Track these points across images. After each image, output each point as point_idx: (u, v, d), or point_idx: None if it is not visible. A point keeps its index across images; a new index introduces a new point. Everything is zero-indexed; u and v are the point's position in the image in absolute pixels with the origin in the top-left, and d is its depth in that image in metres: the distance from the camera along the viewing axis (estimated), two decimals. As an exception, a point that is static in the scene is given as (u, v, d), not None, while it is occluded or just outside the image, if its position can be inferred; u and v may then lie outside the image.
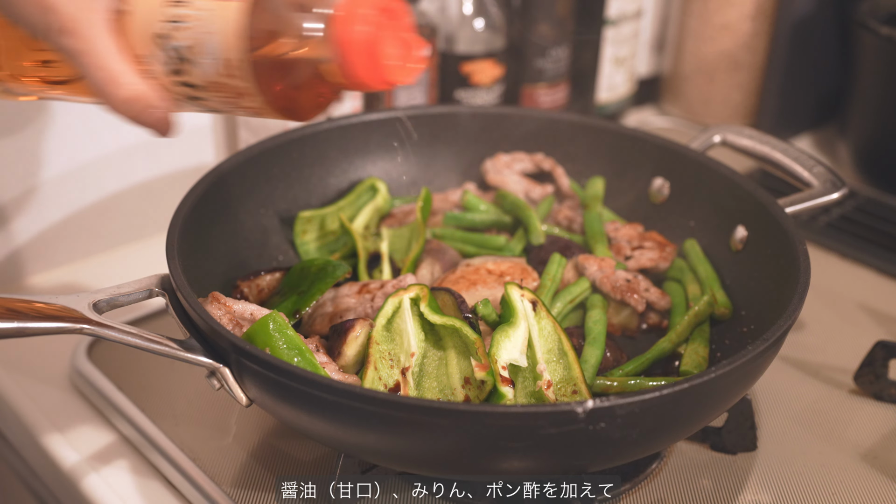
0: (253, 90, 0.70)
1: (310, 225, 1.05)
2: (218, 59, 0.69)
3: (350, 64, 0.70)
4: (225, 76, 0.70)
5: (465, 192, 1.08)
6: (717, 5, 1.51)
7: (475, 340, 0.80)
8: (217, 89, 0.71)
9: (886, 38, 1.35)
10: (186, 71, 0.71)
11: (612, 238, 1.04)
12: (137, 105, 0.71)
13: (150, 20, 0.71)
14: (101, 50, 0.70)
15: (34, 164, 1.10)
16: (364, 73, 0.70)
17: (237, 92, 0.71)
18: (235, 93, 0.71)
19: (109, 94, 0.70)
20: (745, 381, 0.78)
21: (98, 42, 0.70)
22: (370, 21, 0.70)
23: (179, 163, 1.23)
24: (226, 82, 0.70)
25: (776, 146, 1.02)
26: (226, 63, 0.69)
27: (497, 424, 0.68)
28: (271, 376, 0.71)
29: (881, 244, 1.25)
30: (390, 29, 0.71)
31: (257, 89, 0.70)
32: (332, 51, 0.70)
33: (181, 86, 0.72)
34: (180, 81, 0.72)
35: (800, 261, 0.85)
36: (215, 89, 0.71)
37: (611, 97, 1.52)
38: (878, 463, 0.90)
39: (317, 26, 0.70)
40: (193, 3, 0.70)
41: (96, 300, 0.77)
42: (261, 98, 0.71)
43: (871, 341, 0.98)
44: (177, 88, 0.72)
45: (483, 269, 0.97)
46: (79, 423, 0.93)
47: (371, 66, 0.70)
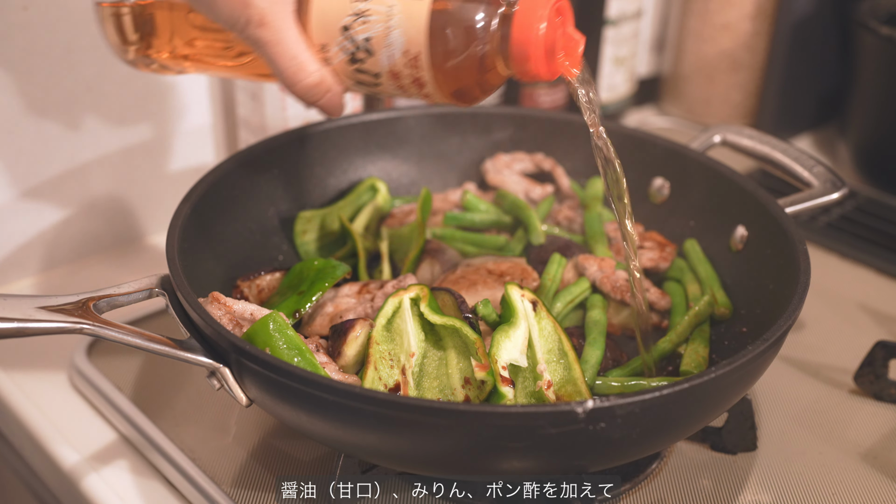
0: (429, 80, 0.77)
1: (310, 225, 1.05)
2: (398, 52, 0.76)
3: (527, 60, 0.76)
4: (403, 66, 0.77)
5: (465, 192, 1.08)
6: (718, 5, 1.51)
7: (475, 340, 0.80)
8: (393, 77, 0.78)
9: (886, 38, 1.35)
10: (365, 60, 0.78)
11: (612, 238, 1.04)
12: (319, 90, 0.79)
13: (333, 13, 0.78)
14: (290, 41, 0.78)
15: (34, 164, 1.10)
16: (538, 68, 0.77)
17: (412, 80, 0.78)
18: (410, 80, 0.78)
19: (296, 81, 0.79)
20: (745, 381, 0.78)
21: (288, 33, 0.78)
22: (548, 20, 0.76)
23: (179, 163, 1.23)
24: (402, 71, 0.78)
25: (776, 146, 1.02)
26: (405, 55, 0.77)
27: (497, 424, 0.68)
28: (271, 376, 0.71)
29: (881, 244, 1.25)
30: (562, 26, 0.78)
31: (434, 79, 0.77)
32: (510, 47, 0.76)
33: (358, 73, 0.80)
34: (358, 69, 0.79)
35: (800, 261, 0.85)
36: (391, 77, 0.78)
37: (611, 97, 1.52)
38: (878, 463, 0.90)
39: (496, 24, 0.76)
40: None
41: (96, 300, 0.77)
42: (435, 86, 0.78)
43: (871, 341, 0.98)
44: (355, 75, 0.80)
45: (483, 269, 0.97)
46: (79, 423, 0.93)
47: (545, 62, 0.77)
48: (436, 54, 0.76)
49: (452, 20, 0.76)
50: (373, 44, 0.77)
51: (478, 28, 0.76)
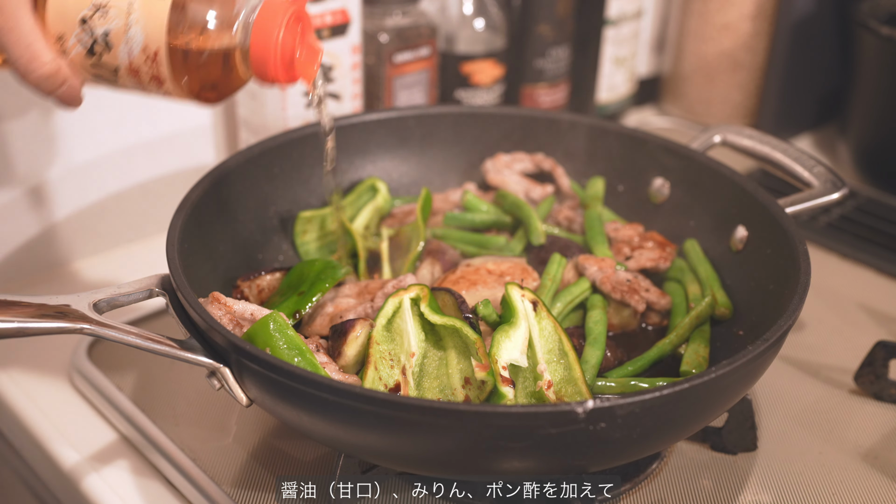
0: (168, 77, 0.77)
1: (310, 225, 1.05)
2: (137, 48, 0.76)
3: (265, 65, 0.78)
4: (142, 63, 0.77)
5: (465, 192, 1.08)
6: (718, 5, 1.51)
7: (475, 340, 0.80)
8: (132, 73, 0.78)
9: (887, 39, 1.35)
10: (103, 54, 0.77)
11: (613, 238, 1.04)
12: (54, 81, 0.77)
13: (72, 4, 0.77)
14: (25, 28, 0.75)
15: (34, 164, 1.10)
16: (276, 74, 0.79)
17: (151, 76, 0.78)
18: (149, 77, 0.78)
19: (30, 71, 0.76)
20: (746, 381, 0.78)
21: (22, 21, 0.75)
22: (286, 28, 0.78)
23: (179, 163, 1.23)
24: (141, 67, 0.77)
25: (776, 146, 1.02)
26: (144, 51, 0.77)
27: (497, 424, 0.68)
28: (272, 376, 0.71)
29: (881, 244, 1.25)
30: (301, 35, 0.80)
31: (172, 77, 0.77)
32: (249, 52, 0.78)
33: (96, 67, 0.78)
34: (95, 63, 0.78)
35: (800, 261, 0.85)
36: (130, 73, 0.78)
37: (611, 97, 1.52)
38: (879, 463, 0.90)
39: (238, 27, 0.78)
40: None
41: (96, 300, 0.77)
42: (174, 84, 0.78)
43: (871, 341, 0.98)
44: (92, 69, 0.79)
45: (483, 269, 0.97)
46: (79, 423, 0.93)
47: (284, 69, 0.79)
48: (174, 52, 0.76)
49: (192, 19, 0.76)
50: (111, 38, 0.77)
51: (217, 28, 0.77)
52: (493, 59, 1.33)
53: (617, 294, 0.95)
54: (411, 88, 1.28)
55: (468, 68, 1.32)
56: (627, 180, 1.10)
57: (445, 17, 1.31)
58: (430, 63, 1.28)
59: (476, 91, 1.33)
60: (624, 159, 1.10)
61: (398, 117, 1.11)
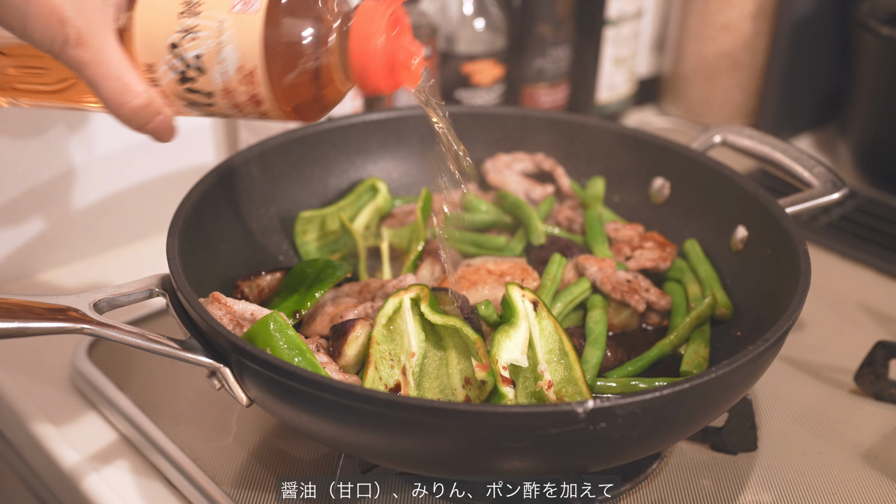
0: (267, 96, 0.73)
1: (310, 225, 1.05)
2: (232, 68, 0.72)
3: (367, 74, 0.74)
4: (238, 83, 0.73)
5: (466, 192, 1.08)
6: (718, 5, 1.51)
7: (476, 340, 0.80)
8: (227, 95, 0.74)
9: (887, 39, 1.35)
10: (197, 79, 0.73)
11: (613, 238, 1.04)
12: (147, 113, 0.73)
13: (159, 30, 0.73)
14: (113, 60, 0.71)
15: (34, 164, 1.10)
16: (377, 81, 0.75)
17: (248, 97, 0.73)
18: (246, 98, 0.73)
19: (122, 104, 0.72)
20: (746, 382, 0.78)
21: (109, 53, 0.71)
22: (384, 33, 0.73)
23: (179, 163, 1.23)
24: (237, 88, 0.73)
25: (776, 146, 1.02)
26: (240, 70, 0.72)
27: (497, 424, 0.68)
28: (272, 376, 0.71)
29: (881, 244, 1.25)
30: (399, 38, 0.75)
31: (271, 95, 0.73)
32: (349, 62, 0.74)
33: (190, 92, 0.74)
34: (189, 88, 0.74)
35: (800, 261, 0.85)
36: (225, 95, 0.74)
37: (611, 97, 1.52)
38: (879, 463, 0.90)
39: (334, 38, 0.73)
40: (206, 14, 0.72)
41: (96, 300, 0.77)
42: (273, 103, 0.74)
43: (871, 341, 0.98)
44: (186, 96, 0.74)
45: (483, 269, 0.97)
46: (79, 423, 0.93)
47: (386, 75, 0.75)
48: (272, 69, 0.72)
49: (288, 33, 0.72)
50: (204, 61, 0.72)
51: (313, 39, 0.73)
52: (494, 59, 1.33)
53: (617, 294, 0.95)
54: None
55: (468, 68, 1.32)
56: (627, 180, 1.10)
57: (446, 17, 1.31)
58: (430, 63, 1.28)
59: (476, 91, 1.33)
60: (624, 159, 1.10)
61: (398, 117, 1.11)
